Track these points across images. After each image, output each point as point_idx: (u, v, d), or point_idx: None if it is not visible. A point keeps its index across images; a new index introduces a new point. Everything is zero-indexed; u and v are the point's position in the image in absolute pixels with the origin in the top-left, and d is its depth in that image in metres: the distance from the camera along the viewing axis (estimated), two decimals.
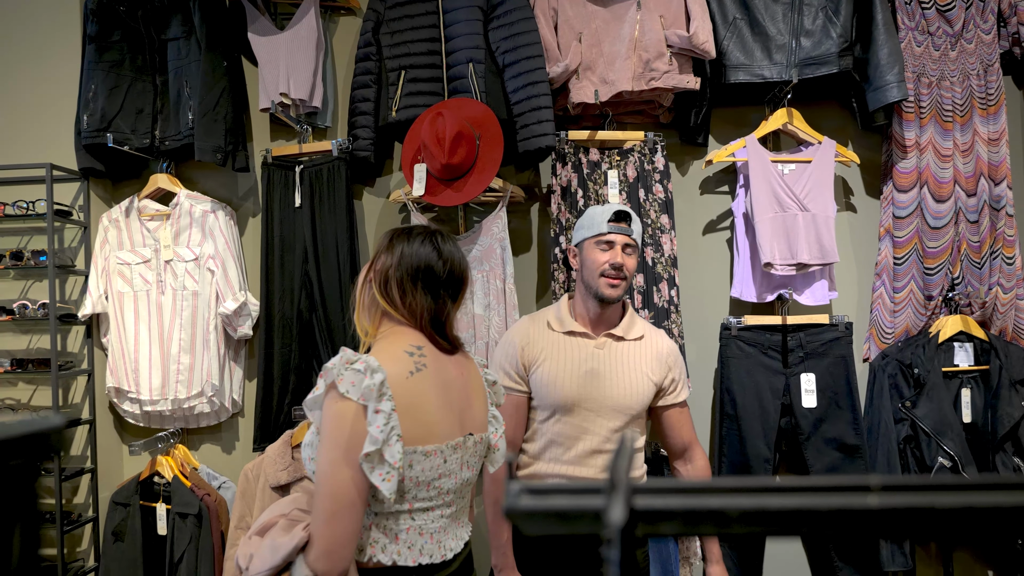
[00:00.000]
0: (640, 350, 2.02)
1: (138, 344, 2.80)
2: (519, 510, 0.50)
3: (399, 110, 2.63)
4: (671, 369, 2.05)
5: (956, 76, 2.67)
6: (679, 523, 0.48)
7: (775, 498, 0.47)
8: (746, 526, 0.47)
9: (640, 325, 2.07)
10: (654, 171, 2.66)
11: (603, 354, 2.00)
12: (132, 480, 2.77)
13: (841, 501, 0.47)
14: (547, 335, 2.04)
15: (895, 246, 2.71)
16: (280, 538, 1.33)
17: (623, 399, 1.97)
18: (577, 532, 0.50)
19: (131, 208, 2.86)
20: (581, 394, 1.96)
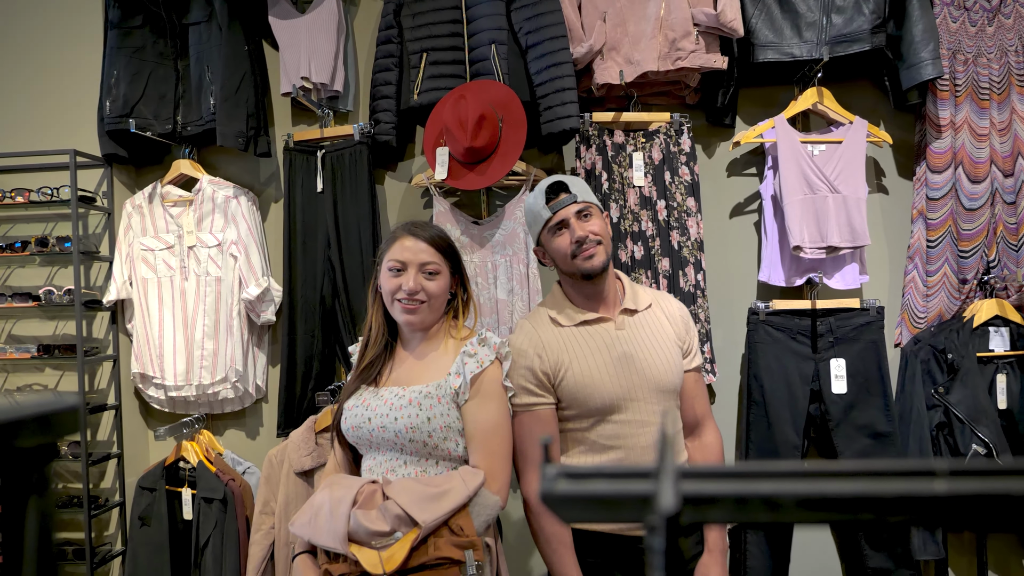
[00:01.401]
0: (655, 317, 1.83)
1: (162, 330, 2.80)
2: (556, 495, 0.47)
3: (421, 93, 2.60)
4: (688, 330, 1.87)
5: (993, 52, 2.59)
6: (729, 509, 0.44)
7: (834, 484, 0.44)
8: (803, 513, 0.44)
9: (643, 292, 1.87)
10: (680, 153, 2.61)
11: (627, 334, 1.77)
12: (158, 465, 2.78)
13: (905, 487, 0.43)
14: (559, 334, 1.78)
15: (928, 228, 2.64)
16: (457, 485, 1.58)
17: (665, 375, 1.76)
18: (620, 519, 0.47)
19: (154, 194, 2.86)
20: (625, 385, 1.73)
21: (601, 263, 1.73)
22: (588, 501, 0.47)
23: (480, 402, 1.65)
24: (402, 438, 1.63)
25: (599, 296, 1.80)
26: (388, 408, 1.65)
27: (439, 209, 2.64)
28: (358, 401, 1.71)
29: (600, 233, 1.74)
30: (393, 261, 1.70)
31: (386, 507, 1.53)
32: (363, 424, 1.67)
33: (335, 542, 1.52)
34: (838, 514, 0.44)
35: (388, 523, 1.52)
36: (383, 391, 1.70)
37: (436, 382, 1.67)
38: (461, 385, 1.64)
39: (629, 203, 2.59)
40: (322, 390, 2.70)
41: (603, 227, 1.77)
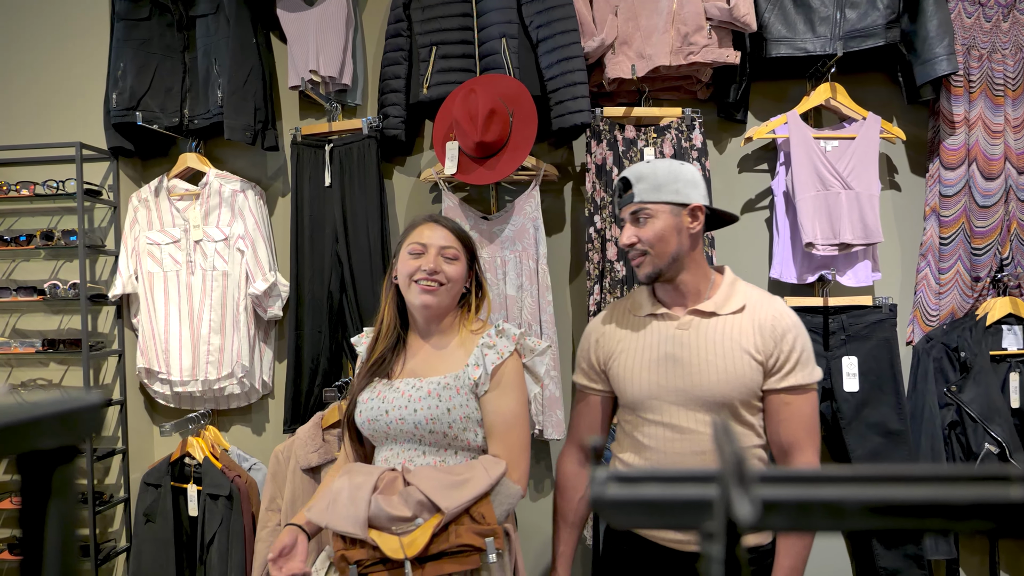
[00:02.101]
0: (738, 323, 1.62)
1: (168, 325, 2.78)
2: (607, 500, 0.45)
3: (430, 87, 2.58)
4: (778, 343, 1.60)
5: (1008, 48, 2.56)
6: (791, 516, 0.42)
7: (908, 489, 0.41)
8: (870, 520, 0.42)
9: (743, 295, 1.66)
10: (691, 148, 2.59)
11: (687, 336, 1.64)
12: (163, 461, 2.77)
13: (979, 493, 0.41)
14: (627, 322, 1.75)
15: (941, 225, 2.62)
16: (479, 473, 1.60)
17: (714, 386, 1.59)
18: (675, 526, 0.45)
19: (160, 188, 2.84)
20: (660, 385, 1.64)
21: (647, 274, 1.65)
22: (641, 506, 0.45)
23: (500, 393, 1.67)
24: (422, 429, 1.63)
25: (676, 292, 1.69)
26: (406, 400, 1.65)
27: (448, 204, 2.61)
28: (372, 394, 1.71)
29: (650, 240, 1.62)
30: (414, 244, 1.71)
31: (408, 493, 1.55)
32: (380, 416, 1.67)
33: (355, 527, 1.52)
34: (905, 520, 0.42)
35: (410, 509, 1.53)
36: (398, 383, 1.70)
37: (454, 373, 1.68)
38: (481, 376, 1.67)
39: None
40: (329, 386, 2.68)
41: (658, 231, 1.61)
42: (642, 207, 1.63)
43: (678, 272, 1.65)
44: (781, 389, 1.60)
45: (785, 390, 1.61)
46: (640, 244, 1.63)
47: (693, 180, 1.65)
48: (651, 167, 1.65)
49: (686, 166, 1.66)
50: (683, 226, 1.62)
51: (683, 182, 1.63)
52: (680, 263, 1.64)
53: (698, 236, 1.66)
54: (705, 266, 1.69)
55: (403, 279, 1.72)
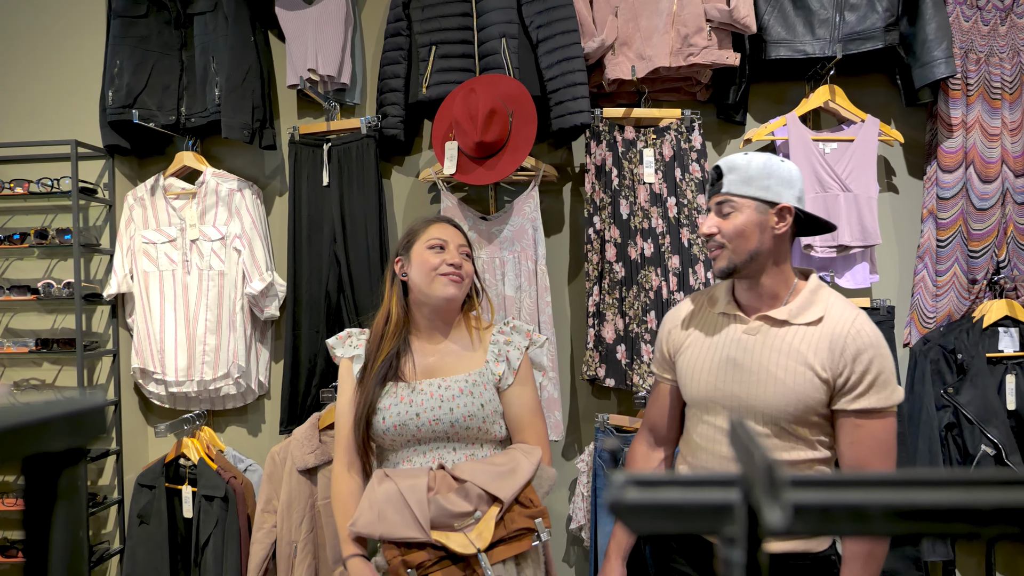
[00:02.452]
0: (809, 336, 1.52)
1: (164, 324, 2.77)
2: (625, 505, 0.44)
3: (430, 87, 2.57)
4: (849, 363, 1.47)
5: (1006, 52, 2.57)
6: (819, 521, 0.42)
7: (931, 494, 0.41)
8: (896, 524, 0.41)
9: (824, 304, 1.55)
10: (691, 150, 2.59)
11: (753, 341, 1.56)
12: (158, 462, 2.75)
13: (1004, 497, 0.41)
14: (702, 316, 1.70)
15: (939, 228, 2.62)
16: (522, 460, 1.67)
17: (769, 398, 1.51)
18: (696, 530, 0.44)
19: (156, 186, 2.82)
20: (718, 388, 1.59)
21: (721, 268, 1.57)
22: (660, 510, 0.44)
23: (522, 386, 1.76)
24: (458, 426, 1.67)
25: (752, 293, 1.60)
26: (438, 401, 1.67)
27: (447, 204, 2.60)
28: (395, 399, 1.69)
29: (729, 234, 1.53)
30: (434, 239, 1.74)
31: (466, 489, 1.59)
32: (409, 421, 1.66)
33: (417, 531, 1.54)
34: (933, 524, 0.41)
35: (471, 504, 1.58)
36: (420, 385, 1.70)
37: (478, 370, 1.73)
38: (504, 371, 1.74)
39: (639, 200, 2.56)
40: (327, 387, 2.67)
41: (739, 226, 1.53)
42: (728, 198, 1.55)
43: (756, 272, 1.56)
44: (852, 411, 1.49)
45: (856, 413, 1.49)
46: (719, 236, 1.55)
47: (788, 179, 1.54)
48: (747, 159, 1.55)
49: (785, 163, 1.56)
50: (768, 225, 1.53)
51: (776, 179, 1.53)
52: (759, 263, 1.55)
53: (784, 238, 1.56)
54: (788, 271, 1.59)
55: (425, 273, 1.72)
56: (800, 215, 1.57)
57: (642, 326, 2.53)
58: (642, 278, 2.54)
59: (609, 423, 2.58)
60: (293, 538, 2.53)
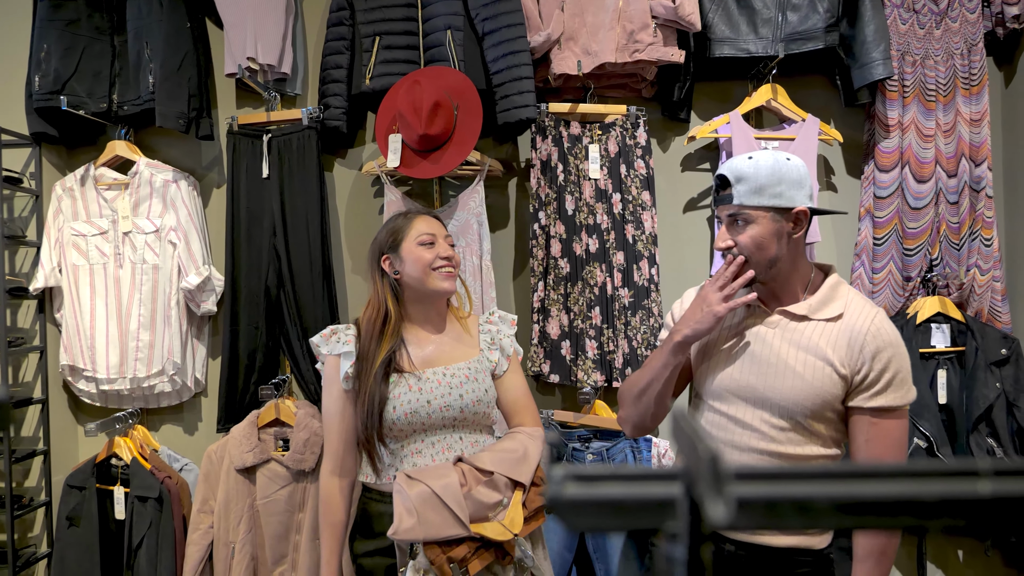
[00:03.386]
0: (829, 332, 1.49)
1: (94, 320, 2.66)
2: (565, 501, 0.43)
3: (373, 78, 2.52)
4: (870, 359, 1.45)
5: (940, 55, 2.64)
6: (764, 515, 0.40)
7: (874, 486, 0.40)
8: (840, 518, 0.40)
9: (843, 301, 1.52)
10: (636, 146, 2.60)
11: (772, 334, 1.53)
12: (88, 462, 2.64)
13: (948, 489, 0.40)
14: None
15: (875, 226, 2.68)
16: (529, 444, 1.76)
17: (787, 392, 1.49)
18: (637, 526, 0.43)
19: (87, 176, 2.71)
20: (734, 379, 1.56)
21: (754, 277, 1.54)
22: (601, 506, 0.43)
23: (514, 371, 1.87)
24: (467, 412, 1.75)
25: (772, 290, 1.57)
26: (447, 388, 1.74)
27: (390, 198, 2.56)
28: (404, 388, 1.73)
29: (747, 247, 1.49)
30: (424, 235, 1.79)
31: (494, 480, 1.67)
32: (420, 408, 1.71)
33: (460, 528, 1.60)
34: (878, 517, 0.41)
35: (500, 493, 1.66)
36: (426, 374, 1.75)
37: (475, 357, 1.82)
38: (499, 358, 1.84)
39: (585, 196, 2.56)
40: (266, 383, 2.61)
41: (756, 239, 1.48)
42: (740, 210, 1.49)
43: (777, 277, 1.54)
44: (868, 409, 1.47)
45: (872, 410, 1.47)
46: (736, 249, 1.51)
47: (799, 180, 1.49)
48: (753, 165, 1.49)
49: (792, 162, 1.50)
50: (784, 232, 1.49)
51: (788, 183, 1.48)
52: (779, 268, 1.52)
53: (800, 240, 1.53)
54: (805, 267, 1.56)
55: (420, 269, 1.76)
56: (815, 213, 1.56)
57: (587, 322, 2.53)
58: (587, 274, 2.54)
59: (554, 419, 2.57)
60: (231, 539, 2.47)
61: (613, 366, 2.53)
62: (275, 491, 2.47)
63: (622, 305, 2.55)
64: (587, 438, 2.53)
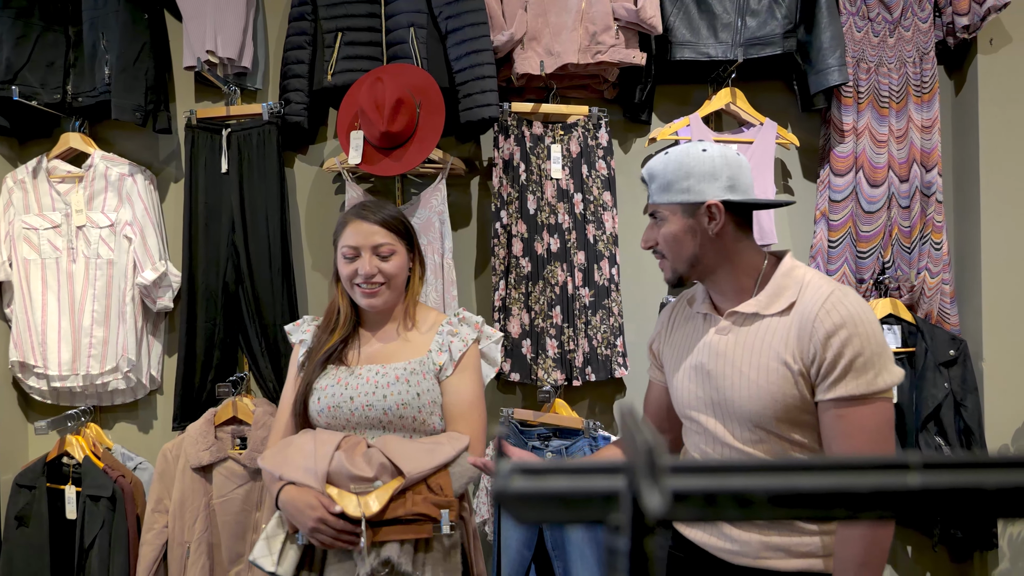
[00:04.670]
0: (780, 326, 1.38)
1: (46, 315, 2.60)
2: (510, 494, 0.44)
3: (335, 74, 2.51)
4: (821, 346, 1.31)
5: (893, 63, 2.70)
6: (698, 507, 0.42)
7: (808, 478, 0.41)
8: (775, 510, 0.42)
9: (795, 289, 1.38)
10: (597, 147, 2.62)
11: (725, 342, 1.45)
12: (38, 461, 2.58)
13: (879, 481, 0.42)
14: (684, 315, 1.61)
15: (830, 229, 2.74)
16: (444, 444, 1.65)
17: (745, 402, 1.39)
18: (582, 519, 0.44)
19: (39, 169, 2.65)
20: (696, 395, 1.50)
21: (668, 279, 1.50)
22: (546, 499, 0.44)
23: (461, 376, 1.74)
24: (391, 414, 1.66)
25: (718, 290, 1.50)
26: (373, 387, 1.68)
27: (351, 195, 2.55)
28: (331, 381, 1.71)
29: (664, 245, 1.46)
30: (346, 248, 1.72)
31: (371, 454, 1.58)
32: (343, 403, 1.68)
33: (313, 480, 1.54)
34: (812, 510, 0.42)
35: (372, 470, 1.56)
36: (360, 370, 1.71)
37: (419, 358, 1.73)
38: (445, 361, 1.73)
39: (546, 195, 2.58)
40: (223, 381, 2.57)
41: (668, 236, 1.44)
42: (655, 209, 1.47)
43: (707, 273, 1.47)
44: (829, 401, 1.32)
45: (834, 402, 1.31)
46: (658, 247, 1.48)
47: (711, 172, 1.40)
48: (663, 162, 1.44)
49: (708, 153, 1.42)
50: (699, 227, 1.42)
51: (697, 176, 1.40)
52: (706, 265, 1.45)
53: (725, 233, 1.43)
54: (748, 259, 1.46)
55: (344, 281, 1.75)
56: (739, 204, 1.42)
57: (547, 321, 2.54)
58: (548, 273, 2.56)
59: (514, 417, 2.58)
60: (186, 538, 2.44)
61: (573, 365, 2.55)
62: (232, 490, 2.44)
63: (583, 304, 2.57)
64: (547, 436, 2.54)
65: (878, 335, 1.31)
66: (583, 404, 2.78)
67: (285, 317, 2.53)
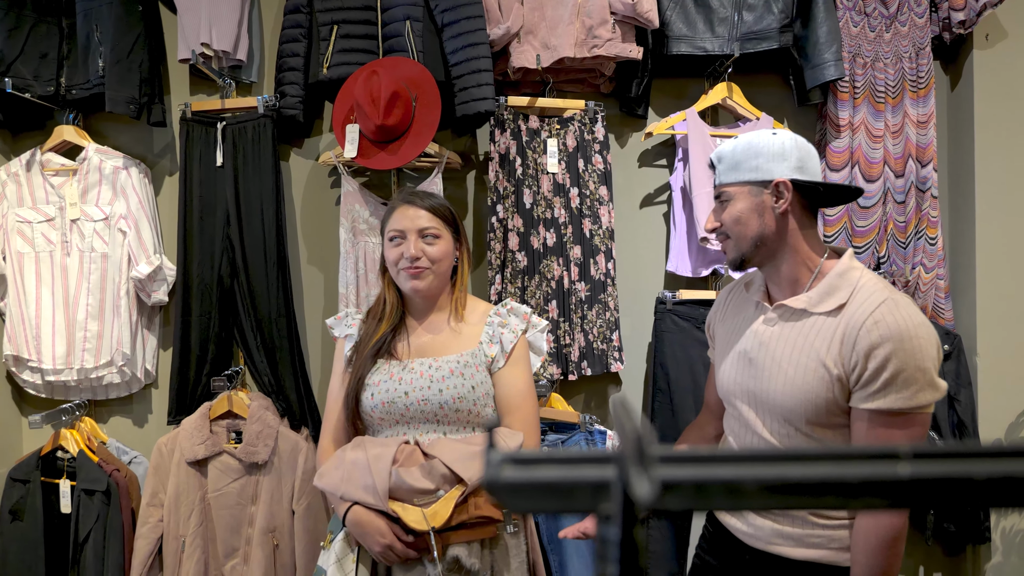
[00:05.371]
0: (827, 327, 1.37)
1: (40, 309, 2.59)
2: (501, 483, 0.44)
3: (331, 67, 2.50)
4: (863, 357, 1.30)
5: (889, 58, 2.70)
6: (689, 497, 0.42)
7: (800, 468, 0.41)
8: (767, 499, 0.42)
9: (849, 289, 1.38)
10: (594, 141, 2.62)
11: (770, 333, 1.47)
12: (32, 455, 2.58)
13: (869, 471, 0.42)
14: (738, 300, 1.64)
15: (826, 224, 2.74)
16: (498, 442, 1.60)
17: (779, 397, 1.41)
18: (574, 509, 0.44)
19: (33, 161, 2.64)
20: (736, 382, 1.53)
21: (731, 260, 1.52)
22: (537, 488, 0.44)
23: (513, 369, 1.73)
24: (447, 408, 1.65)
25: (773, 278, 1.52)
26: (428, 381, 1.67)
27: (347, 189, 2.54)
28: (384, 376, 1.70)
29: (729, 223, 1.48)
30: (392, 231, 1.74)
31: (431, 465, 1.56)
32: (398, 399, 1.67)
33: (374, 498, 1.54)
34: (802, 499, 0.42)
35: (432, 481, 1.55)
36: (412, 363, 1.70)
37: (470, 351, 1.73)
38: (497, 353, 1.73)
39: (543, 189, 2.57)
40: (218, 375, 2.57)
41: (735, 215, 1.46)
42: (722, 190, 1.49)
43: (768, 258, 1.48)
44: (864, 412, 1.32)
45: (870, 414, 1.32)
46: (722, 228, 1.50)
47: (780, 152, 1.42)
48: (731, 144, 1.48)
49: (779, 136, 1.44)
50: (766, 206, 1.44)
51: (765, 156, 1.43)
52: (769, 248, 1.46)
53: (791, 216, 1.44)
54: (808, 251, 1.46)
55: (390, 266, 1.75)
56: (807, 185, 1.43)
57: (543, 315, 2.54)
58: (544, 267, 2.55)
59: None
60: (181, 532, 2.43)
61: (569, 359, 2.55)
62: (227, 484, 2.44)
63: (579, 299, 2.57)
64: (543, 431, 2.54)
65: (925, 350, 1.28)
66: (579, 399, 2.79)
67: (280, 311, 2.53)
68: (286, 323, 2.55)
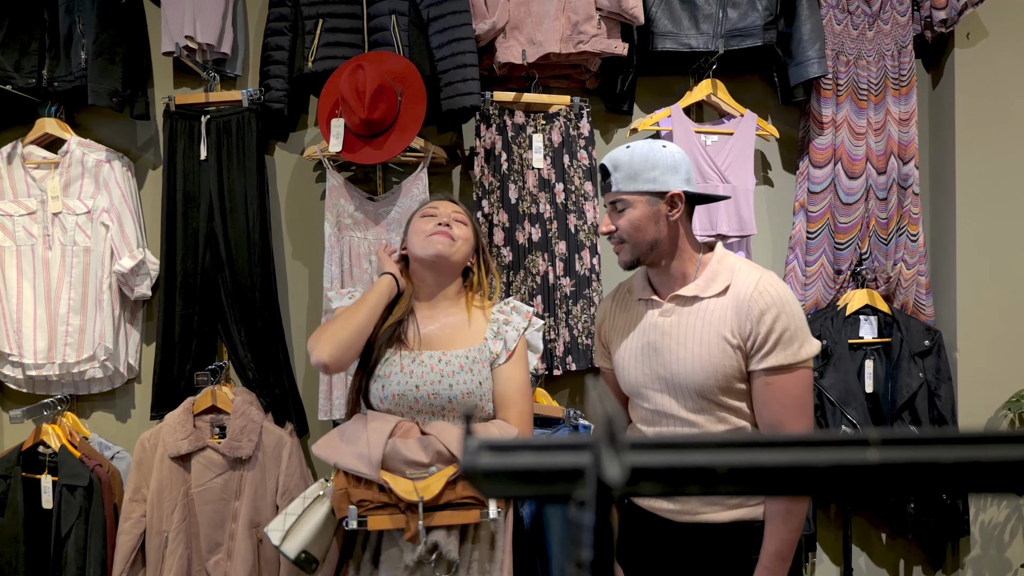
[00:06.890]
0: (718, 307, 1.56)
1: (21, 303, 2.57)
2: (478, 469, 0.44)
3: (316, 61, 2.49)
4: (755, 324, 1.51)
5: (872, 56, 2.72)
6: (661, 482, 0.42)
7: (771, 454, 0.42)
8: (737, 485, 0.42)
9: (730, 272, 1.59)
10: (579, 137, 2.62)
11: (669, 323, 1.62)
12: (13, 450, 2.56)
13: (839, 456, 0.42)
14: (625, 305, 1.77)
15: (809, 221, 2.76)
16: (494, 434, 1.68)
17: (690, 375, 1.57)
18: (549, 495, 0.44)
19: (14, 154, 2.61)
20: (645, 374, 1.65)
21: (625, 262, 1.64)
22: (513, 475, 0.44)
23: (513, 365, 1.79)
24: (456, 403, 1.70)
25: (663, 276, 1.66)
26: (438, 375, 1.71)
27: (332, 183, 2.54)
28: (395, 368, 1.73)
29: (626, 230, 1.59)
30: (427, 209, 1.85)
31: (428, 441, 1.62)
32: (409, 392, 1.70)
33: (366, 466, 1.59)
34: (771, 485, 0.43)
35: (427, 456, 1.60)
36: (423, 356, 1.73)
37: (477, 346, 1.78)
38: (501, 350, 1.78)
39: (528, 185, 2.58)
40: (202, 370, 2.56)
41: (633, 222, 1.58)
42: (618, 197, 1.59)
43: (660, 258, 1.63)
44: (761, 371, 1.53)
45: (765, 371, 1.52)
46: (618, 233, 1.61)
47: (672, 165, 1.57)
48: (628, 154, 1.59)
49: (668, 148, 1.59)
50: (661, 215, 1.58)
51: (661, 169, 1.57)
52: (661, 250, 1.61)
53: (679, 222, 1.61)
54: (690, 248, 1.64)
55: (419, 238, 1.79)
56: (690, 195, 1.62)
57: None
58: (529, 263, 2.56)
59: None
60: (164, 528, 2.42)
61: (554, 354, 2.56)
62: (210, 479, 2.43)
63: (563, 294, 2.58)
64: None
65: (800, 313, 1.54)
66: (563, 393, 2.80)
67: (264, 305, 2.52)
68: (270, 317, 2.54)
